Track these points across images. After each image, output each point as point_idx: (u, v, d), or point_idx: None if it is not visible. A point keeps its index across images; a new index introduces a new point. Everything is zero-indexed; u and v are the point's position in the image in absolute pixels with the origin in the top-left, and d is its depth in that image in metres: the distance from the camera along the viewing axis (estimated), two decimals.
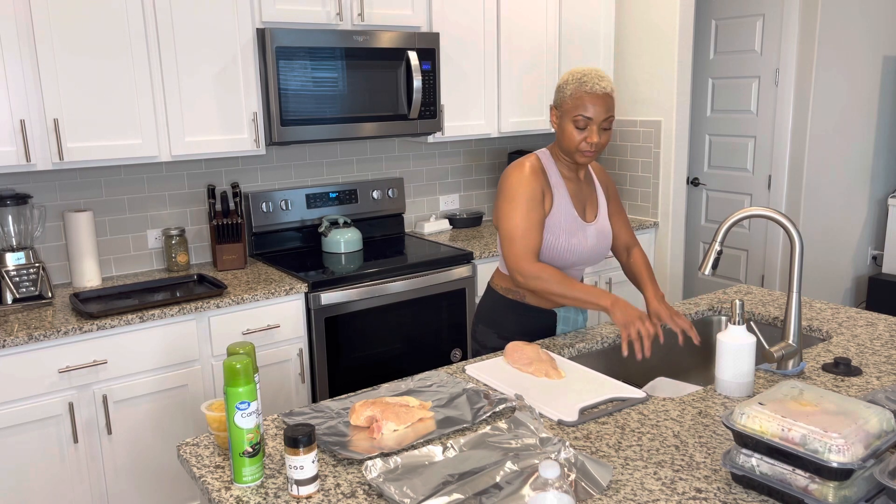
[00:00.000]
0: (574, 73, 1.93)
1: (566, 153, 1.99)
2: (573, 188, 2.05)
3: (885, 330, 2.02)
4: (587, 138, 1.92)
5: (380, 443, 1.43)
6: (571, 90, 1.92)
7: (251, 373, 1.31)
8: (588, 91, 1.89)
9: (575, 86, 1.91)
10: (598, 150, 1.95)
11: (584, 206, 2.07)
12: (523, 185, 1.95)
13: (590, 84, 1.90)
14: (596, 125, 1.91)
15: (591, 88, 1.89)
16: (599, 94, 1.89)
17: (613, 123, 1.95)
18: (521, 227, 1.94)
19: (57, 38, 2.44)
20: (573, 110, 1.91)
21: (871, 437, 1.14)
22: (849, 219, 4.64)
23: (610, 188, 2.18)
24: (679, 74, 3.66)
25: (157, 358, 2.50)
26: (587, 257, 2.07)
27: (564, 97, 1.94)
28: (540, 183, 1.97)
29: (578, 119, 1.91)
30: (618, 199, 2.20)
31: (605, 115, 1.91)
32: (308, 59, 2.82)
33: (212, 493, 1.31)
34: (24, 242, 2.66)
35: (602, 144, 1.94)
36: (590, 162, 1.99)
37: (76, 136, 2.52)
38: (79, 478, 2.43)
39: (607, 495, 1.25)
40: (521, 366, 1.80)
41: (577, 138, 1.93)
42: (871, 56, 4.47)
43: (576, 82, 1.91)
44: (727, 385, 1.64)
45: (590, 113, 1.90)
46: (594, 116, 1.90)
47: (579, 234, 2.02)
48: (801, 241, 1.73)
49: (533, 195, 1.95)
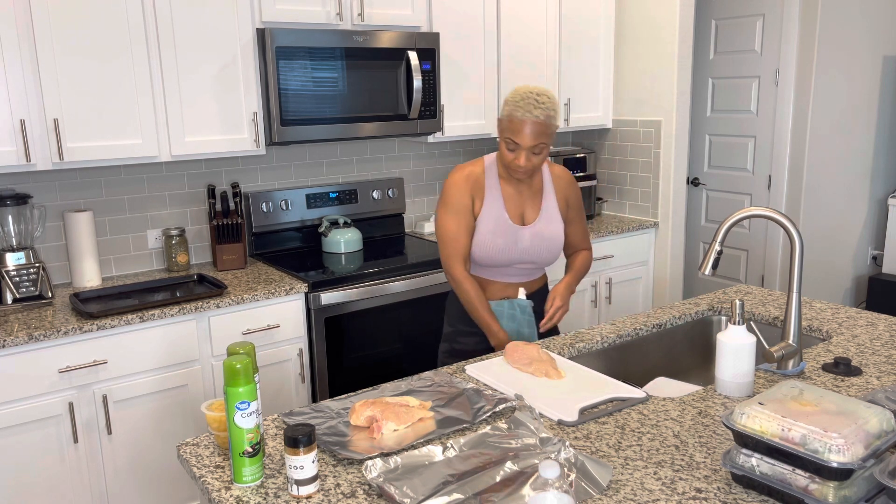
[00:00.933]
0: (516, 94, 1.97)
1: (504, 166, 2.08)
2: (510, 191, 2.12)
3: (885, 330, 2.02)
4: (515, 160, 1.99)
5: (380, 443, 1.43)
6: (507, 112, 1.97)
7: (251, 373, 1.31)
8: (519, 118, 1.94)
9: (510, 108, 1.96)
10: (531, 170, 2.02)
11: (521, 210, 2.14)
12: (455, 191, 2.10)
13: (521, 111, 1.94)
14: (524, 150, 1.97)
15: (522, 116, 1.94)
16: (528, 122, 1.93)
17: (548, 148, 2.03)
18: (450, 232, 2.09)
19: (57, 38, 2.44)
20: (505, 131, 1.99)
21: (871, 437, 1.14)
22: (849, 219, 4.64)
23: (570, 197, 2.22)
24: (679, 74, 3.66)
25: (157, 358, 2.50)
26: (521, 257, 2.14)
27: (502, 116, 2.00)
28: (470, 190, 2.09)
29: (508, 141, 1.98)
30: (579, 208, 2.25)
31: (533, 142, 1.95)
32: (308, 59, 2.82)
33: (212, 493, 1.31)
34: (24, 242, 2.66)
35: (536, 167, 2.01)
36: (525, 178, 2.07)
37: (76, 136, 2.52)
38: (79, 478, 2.43)
39: (607, 495, 1.25)
40: (521, 366, 1.80)
41: (508, 157, 2.01)
42: (871, 56, 4.47)
43: (511, 104, 1.96)
44: (727, 385, 1.64)
45: (517, 139, 1.96)
46: (521, 143, 1.96)
47: (508, 236, 2.10)
48: (801, 241, 1.73)
49: (461, 202, 2.09)
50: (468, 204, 2.10)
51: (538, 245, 2.14)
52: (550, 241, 2.16)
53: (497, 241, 2.10)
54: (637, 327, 2.12)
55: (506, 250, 2.11)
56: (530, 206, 2.16)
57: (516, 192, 2.14)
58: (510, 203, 2.13)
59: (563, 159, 3.64)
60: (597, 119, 3.87)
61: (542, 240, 2.15)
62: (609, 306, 3.73)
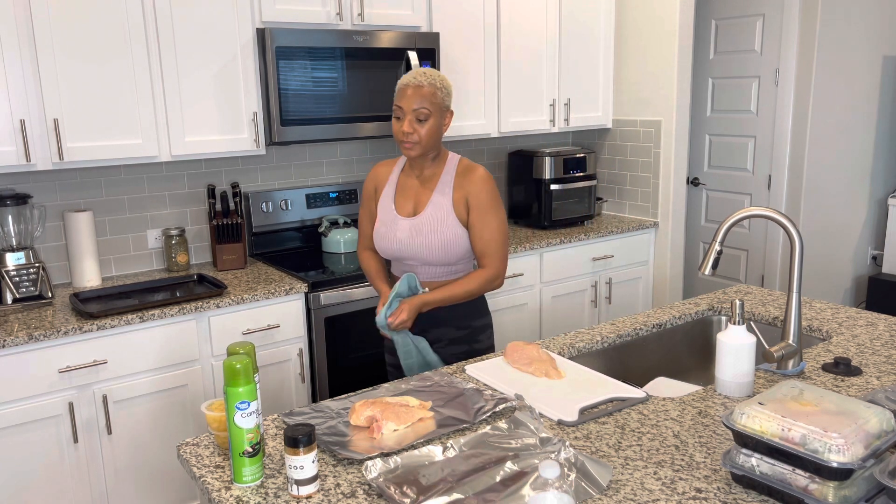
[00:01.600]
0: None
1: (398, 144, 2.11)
2: (408, 183, 2.13)
3: (885, 330, 2.02)
4: (401, 127, 1.98)
5: (380, 443, 1.43)
6: (397, 85, 2.01)
7: (251, 373, 1.31)
8: (404, 83, 1.98)
9: (400, 80, 2.01)
10: (418, 143, 1.99)
11: (413, 202, 2.10)
12: (365, 183, 2.22)
13: (407, 78, 1.98)
14: (409, 115, 1.96)
15: (406, 81, 1.97)
16: (412, 85, 1.96)
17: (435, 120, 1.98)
18: (361, 217, 2.24)
19: (57, 39, 2.44)
20: (394, 102, 2.01)
21: (871, 437, 1.14)
22: (849, 219, 4.64)
23: (472, 195, 2.03)
24: (679, 74, 3.66)
25: (157, 358, 2.50)
26: (398, 250, 2.09)
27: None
28: (375, 179, 2.19)
29: (395, 108, 2.00)
30: (483, 211, 2.03)
31: (417, 105, 1.95)
32: (308, 58, 2.82)
33: (212, 493, 1.31)
34: (24, 242, 2.66)
35: (422, 137, 1.98)
36: (414, 154, 2.01)
37: (76, 136, 2.52)
38: (79, 478, 2.43)
39: (607, 495, 1.25)
40: (521, 366, 1.80)
41: (397, 128, 2.00)
42: (871, 56, 4.47)
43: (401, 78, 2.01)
44: (727, 385, 1.64)
45: (401, 102, 1.97)
46: (404, 106, 1.97)
47: (389, 226, 2.10)
48: (801, 241, 1.73)
49: (366, 190, 2.21)
50: (370, 192, 2.19)
51: (416, 240, 2.04)
52: (430, 237, 2.03)
53: (380, 230, 2.11)
54: (637, 327, 2.12)
55: (386, 239, 2.09)
56: (422, 200, 2.09)
57: (413, 185, 2.12)
58: (402, 194, 2.12)
59: (563, 159, 3.65)
60: (597, 119, 3.87)
61: (419, 234, 2.04)
62: (609, 306, 3.73)
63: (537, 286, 3.44)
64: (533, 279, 3.41)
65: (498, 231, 2.06)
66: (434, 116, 1.98)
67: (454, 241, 2.04)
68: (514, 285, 3.35)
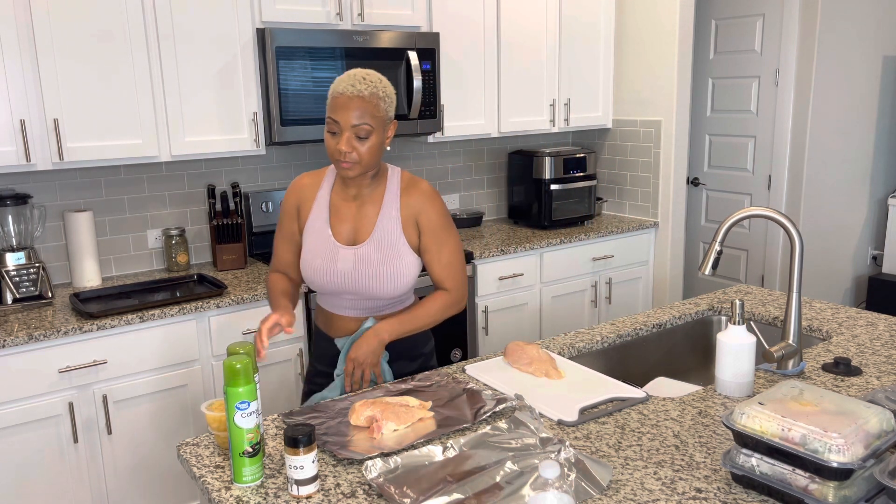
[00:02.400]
0: (343, 75, 1.71)
1: (333, 164, 1.73)
2: (342, 205, 1.80)
3: (885, 330, 2.02)
4: (338, 145, 1.66)
5: (380, 443, 1.43)
6: (331, 91, 1.69)
7: (251, 373, 1.31)
8: (339, 92, 1.66)
9: (334, 86, 1.69)
10: (358, 163, 1.68)
11: (353, 227, 1.79)
12: (284, 198, 1.88)
13: (341, 85, 1.66)
14: (347, 132, 1.65)
15: (343, 90, 1.65)
16: (350, 96, 1.64)
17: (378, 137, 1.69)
18: (275, 237, 1.90)
19: (57, 39, 2.44)
20: (328, 113, 1.69)
21: (871, 437, 1.14)
22: (849, 219, 4.64)
23: (423, 217, 1.79)
24: (679, 74, 3.66)
25: (156, 358, 2.50)
26: (340, 284, 1.78)
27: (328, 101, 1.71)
28: (297, 196, 1.84)
29: (329, 122, 1.68)
30: (438, 231, 1.80)
31: (356, 122, 1.64)
32: (308, 58, 2.82)
33: (212, 493, 1.31)
34: (24, 242, 2.66)
35: (362, 157, 1.67)
36: (353, 175, 1.70)
37: (76, 136, 2.52)
38: (79, 478, 2.43)
39: (607, 495, 1.25)
40: (522, 366, 1.80)
41: (332, 145, 1.68)
42: (871, 56, 4.47)
43: (336, 82, 1.69)
44: (727, 385, 1.64)
45: (337, 116, 1.65)
46: (341, 121, 1.65)
47: (327, 257, 1.77)
48: (801, 241, 1.73)
49: (285, 207, 1.86)
50: (290, 211, 1.84)
51: (361, 271, 1.76)
52: (379, 268, 1.76)
53: (315, 262, 1.78)
54: (637, 327, 2.12)
55: (324, 273, 1.78)
56: (364, 224, 1.79)
57: (349, 207, 1.80)
58: (338, 218, 1.79)
59: (563, 159, 3.65)
60: (597, 119, 3.87)
61: (366, 266, 1.76)
62: (609, 306, 3.73)
63: (537, 286, 3.44)
64: (533, 279, 3.41)
65: (456, 252, 1.83)
66: (377, 133, 1.68)
67: (407, 270, 1.79)
68: (514, 285, 3.35)
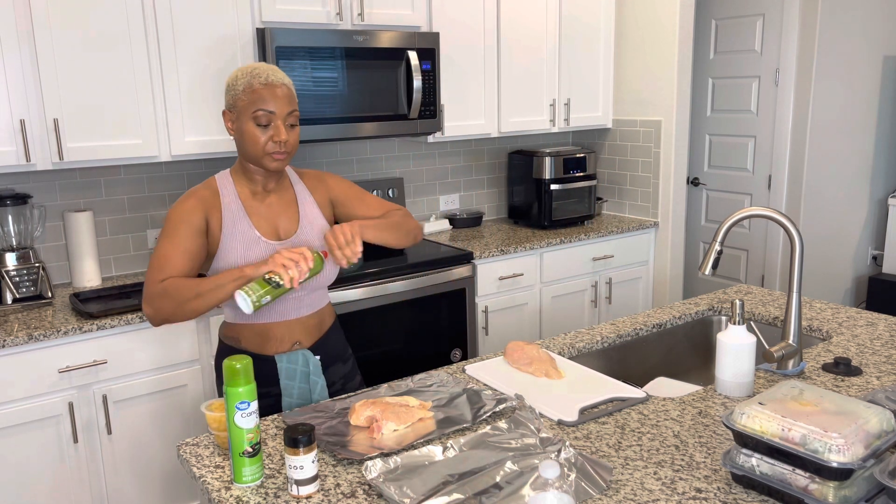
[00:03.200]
0: (243, 69, 1.69)
1: (253, 160, 1.70)
2: (255, 205, 1.75)
3: (885, 330, 2.02)
4: (274, 136, 1.65)
5: (380, 443, 1.43)
6: (244, 84, 1.66)
7: (251, 373, 1.31)
8: (264, 82, 1.65)
9: (247, 80, 1.66)
10: (290, 151, 1.69)
11: (274, 224, 1.76)
12: (175, 212, 1.68)
13: (264, 76, 1.65)
14: (280, 120, 1.66)
15: (268, 79, 1.65)
16: (278, 85, 1.65)
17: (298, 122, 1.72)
18: (163, 254, 1.63)
19: (57, 39, 2.44)
20: (250, 106, 1.65)
21: (871, 437, 1.14)
22: (849, 219, 4.64)
23: (333, 190, 1.86)
24: (679, 74, 3.66)
25: (156, 358, 2.50)
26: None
27: (237, 94, 1.67)
28: (203, 206, 1.69)
29: (259, 115, 1.64)
30: (354, 191, 1.88)
31: (289, 109, 1.67)
32: (308, 58, 2.82)
33: (212, 493, 1.31)
34: (24, 242, 2.66)
35: (292, 146, 1.69)
36: (282, 166, 1.71)
37: (76, 136, 2.52)
38: (79, 478, 2.43)
39: (607, 495, 1.25)
40: (521, 365, 1.80)
41: (262, 138, 1.65)
42: (871, 56, 4.47)
43: (247, 76, 1.66)
44: (727, 385, 1.64)
45: (270, 106, 1.64)
46: (276, 110, 1.65)
47: (263, 255, 1.71)
48: (801, 241, 1.73)
49: (184, 221, 1.66)
50: (195, 225, 1.67)
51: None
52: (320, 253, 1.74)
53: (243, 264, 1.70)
54: (637, 327, 2.12)
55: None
56: (285, 218, 1.78)
57: (263, 206, 1.76)
58: (258, 218, 1.75)
59: (563, 159, 3.64)
60: (597, 119, 3.87)
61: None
62: (609, 306, 3.73)
63: (537, 286, 3.44)
64: (533, 279, 3.41)
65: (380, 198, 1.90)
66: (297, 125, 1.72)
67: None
68: (514, 285, 3.35)
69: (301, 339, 1.80)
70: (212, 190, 1.73)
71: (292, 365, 1.77)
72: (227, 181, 1.76)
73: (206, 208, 1.70)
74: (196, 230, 1.67)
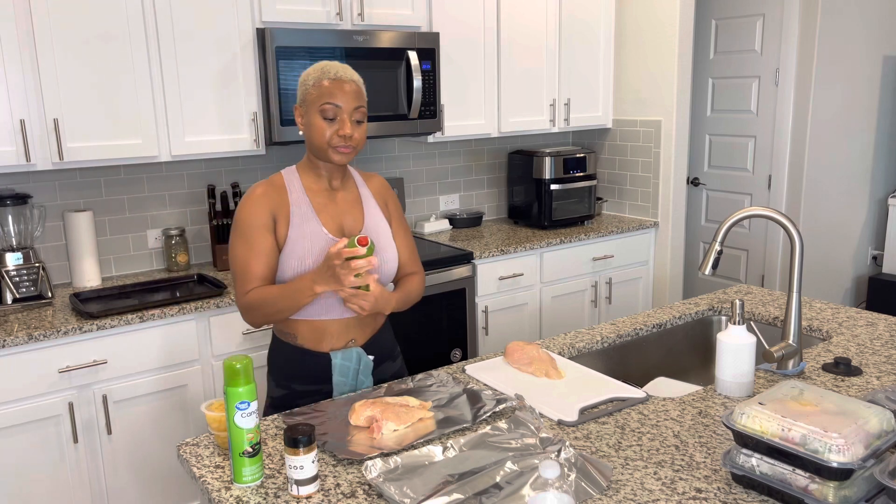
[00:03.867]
0: (316, 66, 1.73)
1: (318, 153, 1.71)
2: (322, 202, 1.76)
3: (885, 330, 2.02)
4: (339, 130, 1.67)
5: (380, 443, 1.43)
6: (314, 79, 1.69)
7: (251, 373, 1.31)
8: (333, 77, 1.68)
9: (318, 75, 1.69)
10: (356, 146, 1.71)
11: (339, 221, 1.77)
12: (246, 212, 1.70)
13: (334, 71, 1.69)
14: (346, 115, 1.67)
15: (337, 75, 1.68)
16: (346, 80, 1.68)
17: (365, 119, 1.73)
18: (242, 259, 1.68)
19: (57, 38, 2.44)
20: (319, 100, 1.67)
21: (871, 437, 1.14)
22: (849, 219, 4.64)
23: (390, 202, 1.89)
24: (679, 74, 3.66)
25: (156, 358, 2.50)
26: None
27: (307, 89, 1.70)
28: (270, 202, 1.71)
29: (326, 108, 1.67)
30: (401, 217, 1.91)
31: (356, 104, 1.68)
32: (308, 58, 2.82)
33: (212, 493, 1.31)
34: (24, 242, 2.66)
35: (358, 143, 1.71)
36: (347, 160, 1.72)
37: (76, 136, 2.52)
38: (79, 478, 2.43)
39: (607, 495, 1.25)
40: (521, 366, 1.80)
41: (328, 132, 1.68)
42: (871, 56, 4.47)
43: (318, 72, 1.70)
44: (727, 385, 1.64)
45: (338, 100, 1.67)
46: (343, 104, 1.67)
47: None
48: (801, 241, 1.73)
49: (255, 221, 1.69)
50: (265, 224, 1.70)
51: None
52: (381, 254, 1.78)
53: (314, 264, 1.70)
54: (637, 327, 2.12)
55: None
56: (350, 217, 1.79)
57: (330, 202, 1.77)
58: (325, 215, 1.75)
59: (563, 159, 3.64)
60: (597, 119, 3.87)
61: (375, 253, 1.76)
62: (609, 306, 3.73)
63: (537, 286, 3.44)
64: (533, 279, 3.41)
65: (412, 238, 1.93)
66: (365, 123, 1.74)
67: (394, 256, 1.82)
68: (514, 285, 3.35)
69: (356, 336, 1.79)
70: (278, 186, 1.75)
71: (347, 362, 1.76)
72: (293, 177, 1.78)
73: (274, 206, 1.72)
74: (268, 229, 1.70)
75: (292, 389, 1.78)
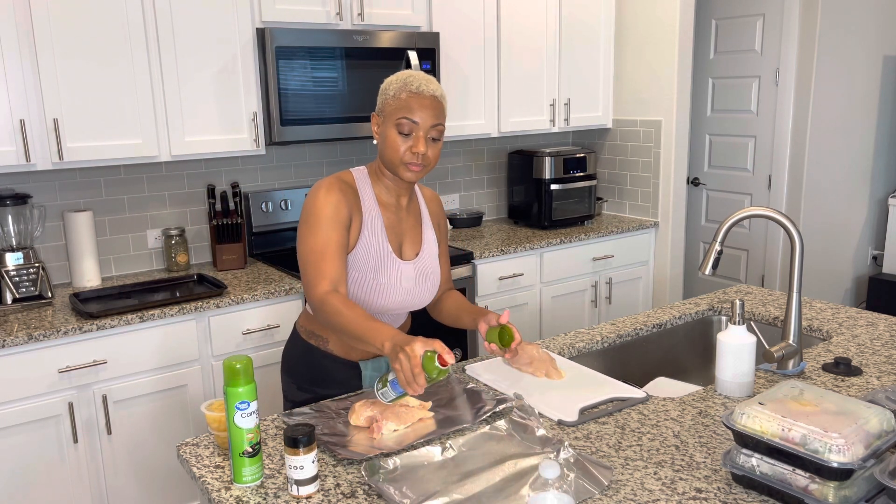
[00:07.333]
0: (399, 75, 1.65)
1: (390, 166, 1.65)
2: (390, 217, 1.72)
3: (885, 330, 2.02)
4: (412, 147, 1.60)
5: (380, 443, 1.43)
6: (395, 90, 1.62)
7: (251, 373, 1.31)
8: (414, 91, 1.60)
9: (399, 86, 1.62)
10: (427, 165, 1.63)
11: (400, 241, 1.74)
12: (325, 203, 1.62)
13: (416, 84, 1.61)
14: (422, 132, 1.60)
15: (418, 88, 1.60)
16: (427, 96, 1.60)
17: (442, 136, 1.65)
18: (318, 250, 1.59)
19: (57, 39, 2.44)
20: (396, 113, 1.60)
21: (871, 437, 1.14)
22: (849, 219, 4.64)
23: (442, 225, 1.86)
24: (679, 74, 3.66)
25: (156, 358, 2.50)
26: (401, 302, 1.72)
27: (387, 99, 1.63)
28: (348, 201, 1.65)
29: (402, 122, 1.59)
30: (446, 239, 1.89)
31: (433, 122, 1.61)
32: (308, 58, 2.82)
33: (212, 493, 1.31)
34: (24, 242, 2.66)
35: (431, 161, 1.63)
36: (417, 178, 1.65)
37: (76, 136, 2.52)
38: (79, 478, 2.43)
39: (607, 495, 1.25)
40: (521, 365, 1.80)
41: (402, 147, 1.61)
42: (871, 56, 4.47)
43: (400, 82, 1.62)
44: (727, 385, 1.64)
45: (415, 116, 1.59)
46: (420, 121, 1.59)
47: (391, 274, 1.69)
48: (801, 241, 1.73)
49: (336, 215, 1.62)
50: (345, 219, 1.63)
51: (422, 286, 1.75)
52: (433, 281, 1.77)
53: (380, 280, 1.68)
54: (637, 327, 2.12)
55: (389, 292, 1.69)
56: (410, 237, 1.75)
57: (397, 222, 1.73)
58: (392, 233, 1.71)
59: (563, 159, 3.64)
60: (597, 119, 3.87)
61: (425, 279, 1.75)
62: (609, 306, 3.73)
63: (537, 286, 3.44)
64: (533, 279, 3.41)
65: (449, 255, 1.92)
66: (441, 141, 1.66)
67: (438, 281, 1.82)
68: (514, 285, 3.35)
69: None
70: (352, 188, 1.68)
71: (377, 373, 1.76)
72: (364, 182, 1.71)
73: (351, 205, 1.65)
74: (345, 225, 1.63)
75: (316, 394, 1.76)
